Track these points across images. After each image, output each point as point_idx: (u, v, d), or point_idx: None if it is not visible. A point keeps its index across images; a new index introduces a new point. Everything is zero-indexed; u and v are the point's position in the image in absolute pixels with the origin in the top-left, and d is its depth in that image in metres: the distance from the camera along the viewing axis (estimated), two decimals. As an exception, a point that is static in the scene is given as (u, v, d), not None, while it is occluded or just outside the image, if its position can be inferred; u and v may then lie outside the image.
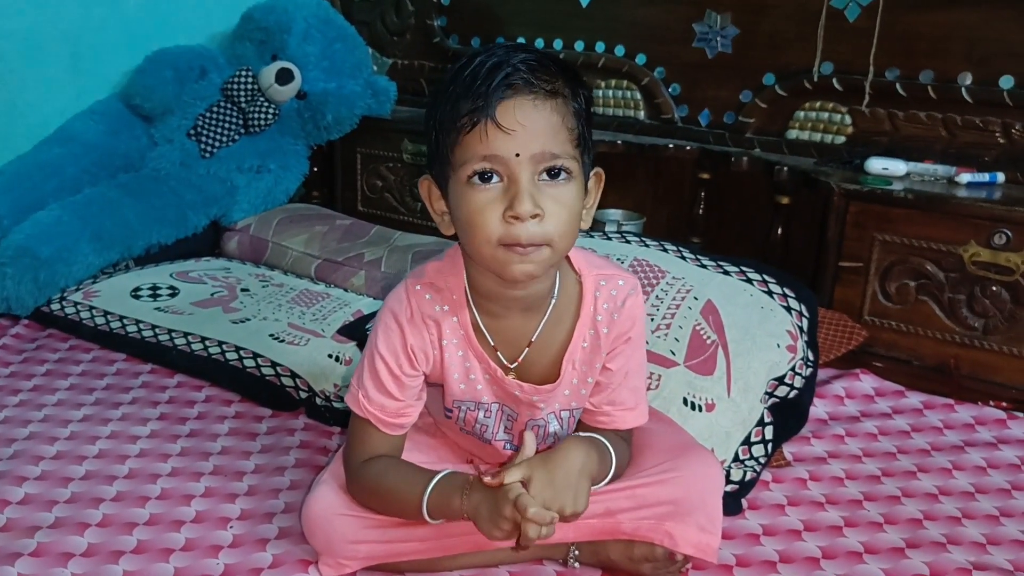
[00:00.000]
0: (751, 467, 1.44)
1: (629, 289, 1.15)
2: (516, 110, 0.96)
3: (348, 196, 2.68)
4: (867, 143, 2.06)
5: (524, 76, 0.97)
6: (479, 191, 0.99)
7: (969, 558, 1.26)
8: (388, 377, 1.12)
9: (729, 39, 2.21)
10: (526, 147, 0.97)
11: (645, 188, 2.38)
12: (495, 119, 0.96)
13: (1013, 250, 1.70)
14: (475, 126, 0.97)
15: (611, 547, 1.19)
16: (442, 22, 2.67)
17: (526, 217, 0.97)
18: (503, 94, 0.96)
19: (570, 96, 1.01)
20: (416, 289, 1.13)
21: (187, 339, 1.82)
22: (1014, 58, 1.88)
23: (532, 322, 1.13)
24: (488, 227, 0.99)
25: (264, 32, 2.47)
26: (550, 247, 1.00)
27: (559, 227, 1.00)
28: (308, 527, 1.17)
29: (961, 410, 1.70)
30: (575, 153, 1.01)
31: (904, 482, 1.47)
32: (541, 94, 0.98)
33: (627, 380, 1.18)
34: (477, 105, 0.96)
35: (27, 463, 1.42)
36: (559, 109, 0.99)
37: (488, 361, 1.14)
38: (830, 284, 1.89)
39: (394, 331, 1.12)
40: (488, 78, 0.96)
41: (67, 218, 2.07)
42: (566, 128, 1.00)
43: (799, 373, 1.57)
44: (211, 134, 2.38)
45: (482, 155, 0.98)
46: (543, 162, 0.98)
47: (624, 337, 1.15)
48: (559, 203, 1.00)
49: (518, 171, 0.97)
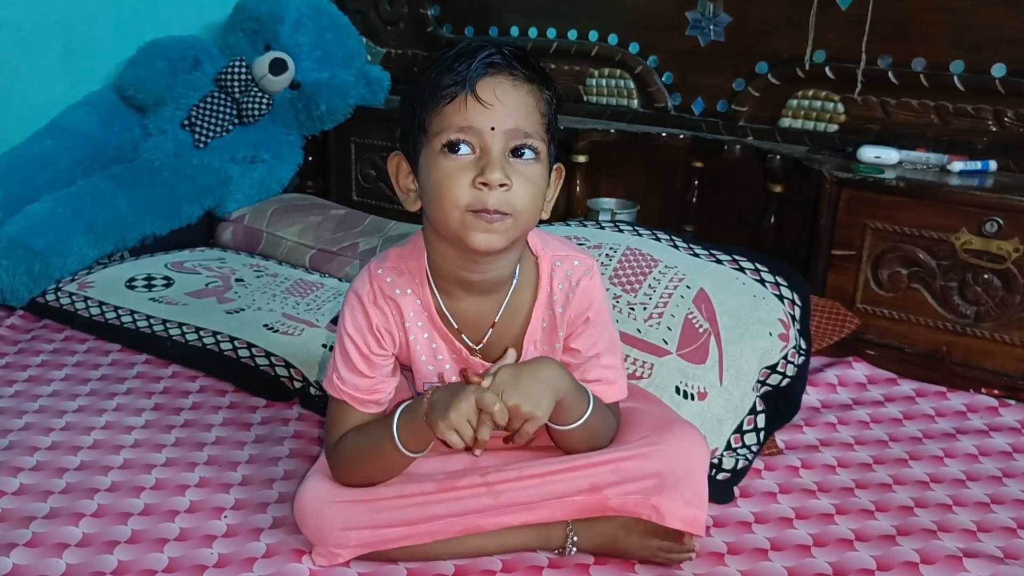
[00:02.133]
0: (743, 455, 1.45)
1: (584, 270, 1.19)
2: (495, 87, 1.03)
3: (342, 186, 2.68)
4: (860, 131, 2.06)
5: (506, 58, 1.04)
6: (451, 159, 1.04)
7: (959, 545, 1.26)
8: (357, 356, 1.16)
9: (722, 27, 2.21)
10: (501, 122, 1.03)
11: (638, 177, 2.38)
12: (475, 92, 1.02)
13: (1004, 238, 1.71)
14: (455, 98, 1.03)
15: (617, 531, 1.20)
16: (435, 11, 2.68)
17: (495, 184, 1.02)
18: (485, 71, 1.03)
19: (544, 88, 1.08)
20: (378, 273, 1.17)
21: (181, 329, 1.83)
22: (1006, 45, 1.88)
23: (494, 304, 1.17)
24: (456, 191, 1.04)
25: (257, 22, 2.47)
26: (513, 218, 1.05)
27: (523, 199, 1.05)
28: (299, 517, 1.18)
29: (953, 398, 1.70)
30: (545, 137, 1.07)
31: (895, 470, 1.48)
32: (520, 76, 1.05)
33: (598, 359, 1.21)
34: (459, 79, 1.02)
35: (22, 454, 1.43)
36: (534, 94, 1.06)
37: (453, 341, 1.18)
38: (822, 272, 1.90)
39: (359, 311, 1.17)
40: (471, 56, 1.03)
41: (61, 210, 2.07)
42: (539, 112, 1.06)
43: (791, 361, 1.58)
44: (205, 125, 2.38)
45: (459, 126, 1.03)
46: (515, 139, 1.04)
47: (582, 317, 1.19)
48: (526, 178, 1.05)
49: (491, 143, 1.03)
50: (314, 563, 1.18)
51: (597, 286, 1.20)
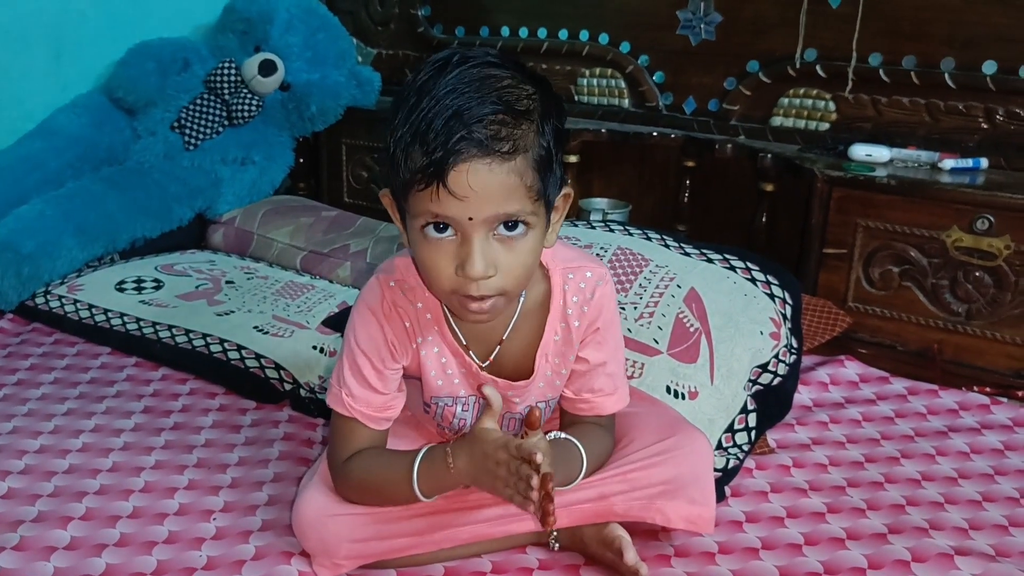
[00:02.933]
0: (734, 454, 1.44)
1: (597, 280, 1.15)
2: (469, 175, 0.92)
3: (334, 187, 2.68)
4: (851, 129, 2.06)
5: (480, 138, 0.91)
6: (433, 242, 0.98)
7: (951, 543, 1.26)
8: (371, 372, 1.12)
9: (713, 26, 2.21)
10: (479, 211, 0.94)
11: (630, 176, 2.38)
12: (447, 186, 0.92)
13: (995, 235, 1.71)
14: (427, 186, 0.93)
15: (585, 530, 1.19)
16: (426, 11, 2.67)
17: (477, 277, 0.96)
18: (457, 158, 0.91)
19: (534, 134, 0.96)
20: (390, 285, 1.13)
21: (171, 332, 1.82)
22: (997, 42, 1.88)
23: (502, 321, 1.13)
24: (442, 278, 0.99)
25: (247, 23, 2.47)
26: (504, 296, 1.01)
27: (512, 280, 1.00)
28: (300, 530, 1.16)
29: (945, 395, 1.70)
30: (534, 208, 0.98)
31: (887, 468, 1.47)
32: (497, 157, 0.93)
33: (604, 368, 1.19)
34: (430, 166, 0.92)
35: (10, 457, 1.42)
36: (517, 169, 0.94)
37: (463, 355, 1.15)
38: (814, 270, 1.89)
39: (373, 325, 1.12)
40: (444, 134, 0.91)
41: (50, 212, 2.06)
42: (524, 186, 0.95)
43: (783, 360, 1.58)
44: (195, 126, 2.37)
45: (434, 213, 0.95)
46: (496, 222, 0.96)
47: (594, 327, 1.16)
48: (515, 254, 0.98)
49: (471, 232, 0.95)
50: (316, 575, 1.16)
51: (609, 295, 1.16)
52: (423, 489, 1.09)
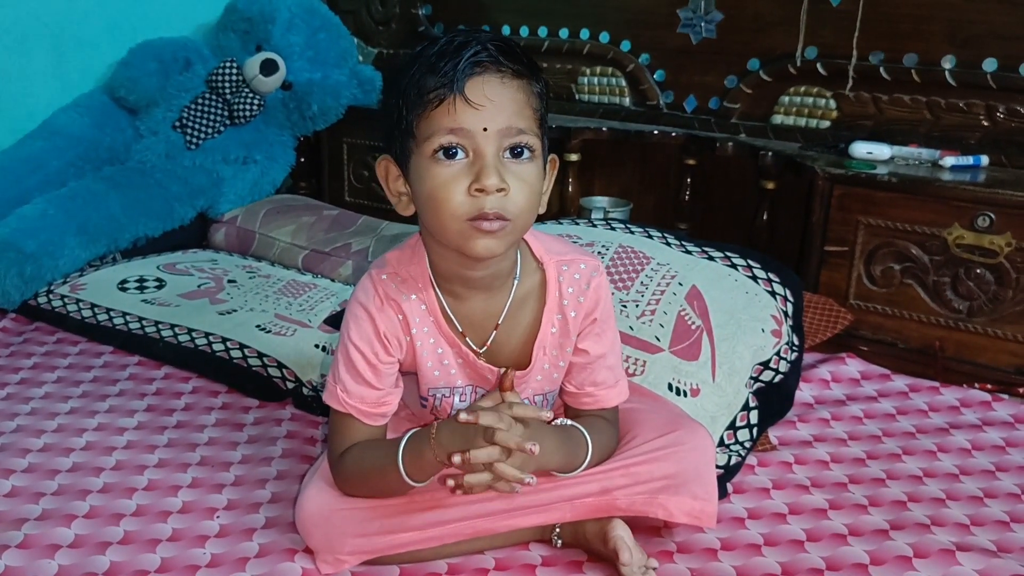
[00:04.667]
0: (736, 451, 1.45)
1: (591, 271, 1.17)
2: (484, 86, 0.99)
3: (335, 186, 2.69)
4: (852, 127, 2.07)
5: (492, 55, 1.00)
6: (444, 166, 1.01)
7: (952, 539, 1.27)
8: (365, 367, 1.13)
9: (713, 24, 2.22)
10: (493, 121, 0.99)
11: (632, 175, 2.39)
12: (464, 94, 0.98)
13: (996, 232, 1.72)
14: (443, 101, 0.99)
15: (588, 526, 1.20)
16: (427, 11, 2.69)
17: (492, 190, 0.99)
18: (472, 70, 0.98)
19: (534, 80, 1.04)
20: (382, 279, 1.14)
21: (174, 331, 1.83)
22: (998, 40, 1.89)
23: (497, 304, 1.15)
24: (453, 201, 1.00)
25: (248, 23, 2.48)
26: (512, 223, 1.02)
27: (521, 203, 1.02)
28: (304, 527, 1.17)
29: (946, 392, 1.70)
30: (538, 132, 1.04)
31: (889, 464, 1.48)
32: (508, 73, 1.01)
33: (604, 360, 1.20)
34: (446, 80, 0.98)
35: (14, 456, 1.43)
36: (524, 89, 1.02)
37: (459, 345, 1.16)
38: (815, 268, 1.90)
39: (365, 320, 1.13)
40: (456, 55, 0.99)
41: (52, 212, 2.07)
42: (530, 107, 1.02)
43: (784, 357, 1.58)
44: (196, 125, 2.38)
45: (449, 128, 0.99)
46: (509, 137, 1.01)
47: (590, 318, 1.17)
48: (522, 179, 1.02)
49: (484, 146, 1.00)
50: (320, 571, 1.16)
51: (604, 286, 1.18)
52: (409, 470, 1.09)
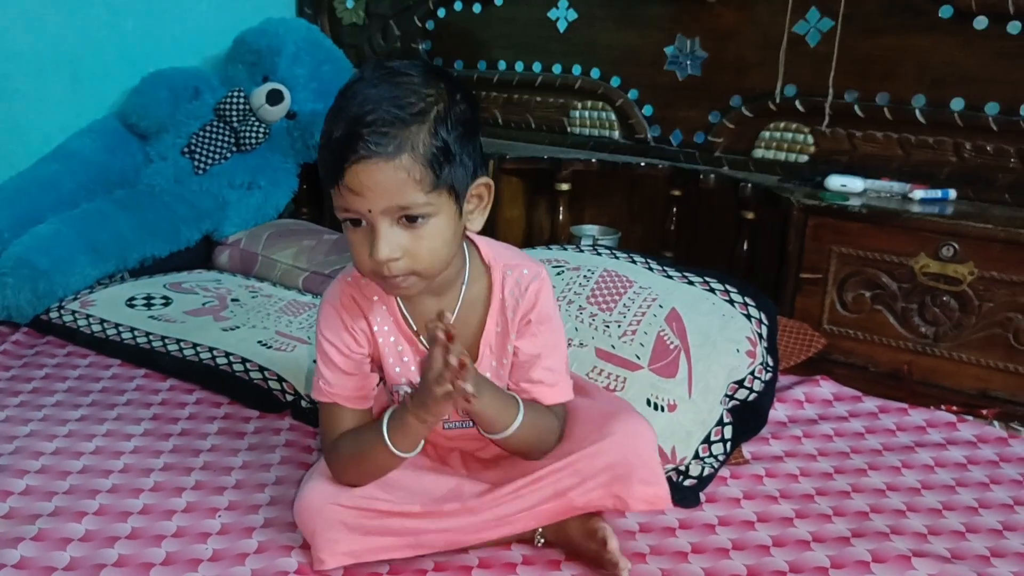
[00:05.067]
0: (710, 463, 1.52)
1: (532, 276, 1.26)
2: (361, 175, 1.06)
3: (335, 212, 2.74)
4: (828, 161, 2.15)
5: (367, 144, 1.05)
6: (352, 231, 1.13)
7: (910, 546, 1.32)
8: (338, 356, 1.25)
9: (698, 63, 2.31)
10: (376, 204, 1.07)
11: (620, 205, 2.47)
12: (343, 185, 1.07)
13: (960, 262, 1.80)
14: (334, 185, 1.09)
15: (570, 524, 1.28)
16: (427, 46, 2.76)
17: (383, 261, 1.10)
18: (350, 162, 1.06)
19: (425, 134, 1.08)
20: (348, 281, 1.26)
21: (179, 345, 1.90)
22: (964, 81, 1.98)
23: (447, 305, 1.24)
24: (362, 261, 1.13)
25: (256, 55, 2.55)
26: (419, 275, 1.13)
27: (424, 259, 1.12)
28: (301, 520, 1.24)
29: (914, 414, 1.76)
30: (428, 199, 1.09)
31: (855, 479, 1.54)
32: (382, 157, 1.06)
33: (540, 360, 1.27)
34: (332, 169, 1.08)
35: (27, 458, 1.50)
36: (403, 166, 1.06)
37: (416, 343, 1.26)
38: (791, 294, 1.98)
39: (333, 316, 1.25)
40: (340, 146, 1.07)
41: (65, 231, 2.13)
42: (413, 180, 1.07)
43: (758, 377, 1.65)
44: (204, 152, 2.44)
45: (344, 208, 1.10)
46: (393, 213, 1.09)
47: (526, 319, 1.26)
48: (420, 240, 1.11)
49: (375, 222, 1.09)
50: (312, 567, 1.23)
51: (544, 291, 1.26)
52: (394, 439, 1.18)
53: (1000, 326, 1.80)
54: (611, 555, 1.22)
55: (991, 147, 1.98)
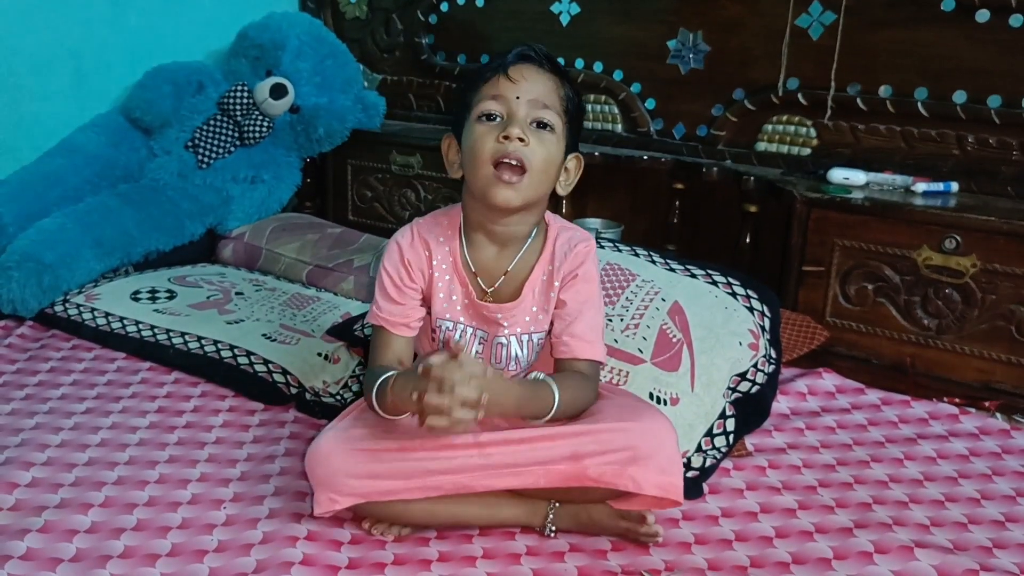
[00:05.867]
0: (712, 455, 1.52)
1: (583, 239, 1.41)
2: (523, 69, 1.31)
3: (339, 206, 2.76)
4: (831, 155, 2.16)
5: (536, 54, 1.32)
6: (483, 125, 1.30)
7: (912, 537, 1.33)
8: (391, 286, 1.38)
9: (701, 56, 2.31)
10: (526, 92, 1.29)
11: (623, 198, 2.47)
12: (506, 72, 1.30)
13: (962, 254, 1.80)
14: (491, 78, 1.30)
15: (591, 508, 1.30)
16: (430, 40, 2.76)
17: (514, 137, 1.27)
18: (517, 59, 1.31)
19: (567, 84, 1.34)
20: (419, 222, 1.42)
21: (184, 338, 1.91)
22: (966, 74, 1.99)
23: (509, 256, 1.39)
24: (485, 147, 1.28)
25: (259, 49, 2.55)
26: (528, 176, 1.28)
27: (537, 157, 1.29)
28: (310, 465, 1.29)
29: (917, 406, 1.77)
30: (562, 116, 1.32)
31: (857, 470, 1.55)
32: (545, 67, 1.33)
33: (582, 314, 1.38)
34: (497, 63, 1.31)
35: (33, 450, 1.51)
36: (555, 81, 1.33)
37: (468, 285, 1.39)
38: (794, 287, 1.98)
39: (395, 251, 1.39)
40: (510, 53, 1.32)
41: (70, 225, 2.14)
42: (558, 95, 1.32)
43: (761, 370, 1.66)
44: (208, 146, 2.45)
45: (491, 95, 1.30)
46: (536, 109, 1.29)
47: (572, 273, 1.39)
48: (541, 142, 1.30)
49: (516, 109, 1.29)
50: (313, 512, 1.28)
51: (591, 254, 1.40)
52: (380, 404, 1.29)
53: (1003, 318, 1.80)
54: (649, 527, 1.30)
55: (994, 140, 1.99)
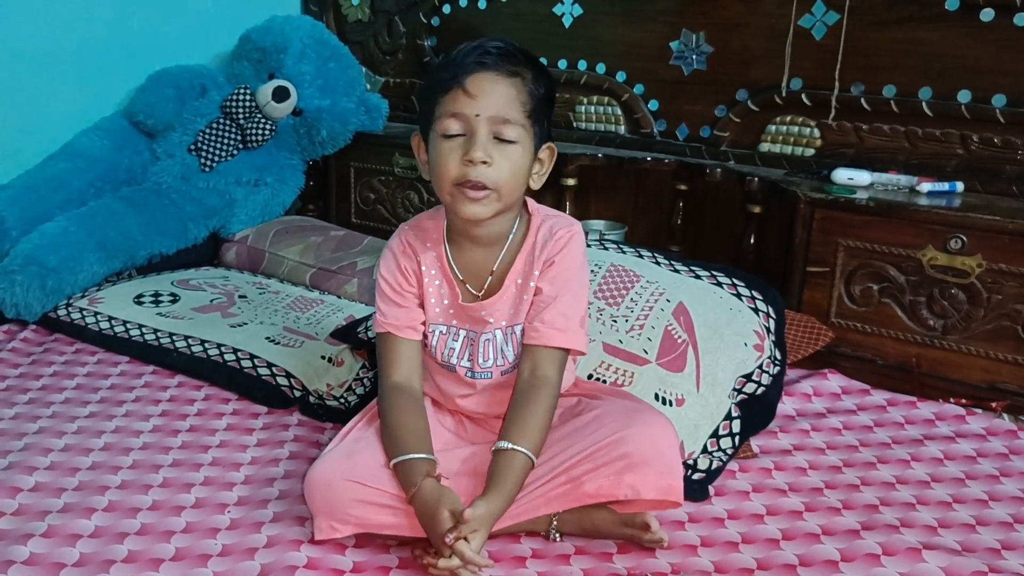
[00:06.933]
0: (718, 457, 1.52)
1: (565, 225, 1.38)
2: (480, 81, 1.23)
3: (342, 208, 2.76)
4: (835, 155, 2.15)
5: (492, 58, 1.24)
6: (446, 143, 1.25)
7: (920, 539, 1.32)
8: (391, 291, 1.38)
9: (704, 57, 2.31)
10: (485, 109, 1.23)
11: (626, 199, 2.47)
12: (464, 86, 1.23)
13: (968, 254, 1.80)
14: (449, 90, 1.23)
15: (595, 514, 1.29)
16: (432, 42, 2.76)
17: (477, 161, 1.23)
18: (473, 68, 1.23)
19: (530, 79, 1.26)
20: (406, 229, 1.41)
21: (187, 342, 1.90)
22: (970, 73, 1.98)
23: (492, 255, 1.37)
24: (449, 168, 1.25)
25: (261, 52, 2.55)
26: (495, 192, 1.25)
27: (503, 175, 1.25)
28: (309, 489, 1.27)
29: (923, 406, 1.76)
30: (525, 122, 1.26)
31: (864, 472, 1.54)
32: (503, 72, 1.24)
33: (556, 303, 1.34)
34: (453, 74, 1.23)
35: (37, 455, 1.50)
36: (516, 86, 1.25)
37: (456, 288, 1.38)
38: (799, 288, 1.98)
39: (390, 258, 1.39)
40: (466, 56, 1.24)
41: (73, 229, 2.14)
42: (519, 101, 1.25)
43: (766, 371, 1.66)
44: (211, 149, 2.45)
45: (451, 112, 1.24)
46: (496, 124, 1.23)
47: (550, 260, 1.35)
48: (506, 157, 1.25)
49: (476, 127, 1.23)
50: (313, 536, 1.26)
51: (573, 240, 1.36)
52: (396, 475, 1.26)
53: (1009, 318, 1.79)
54: (653, 534, 1.28)
55: (998, 139, 1.98)
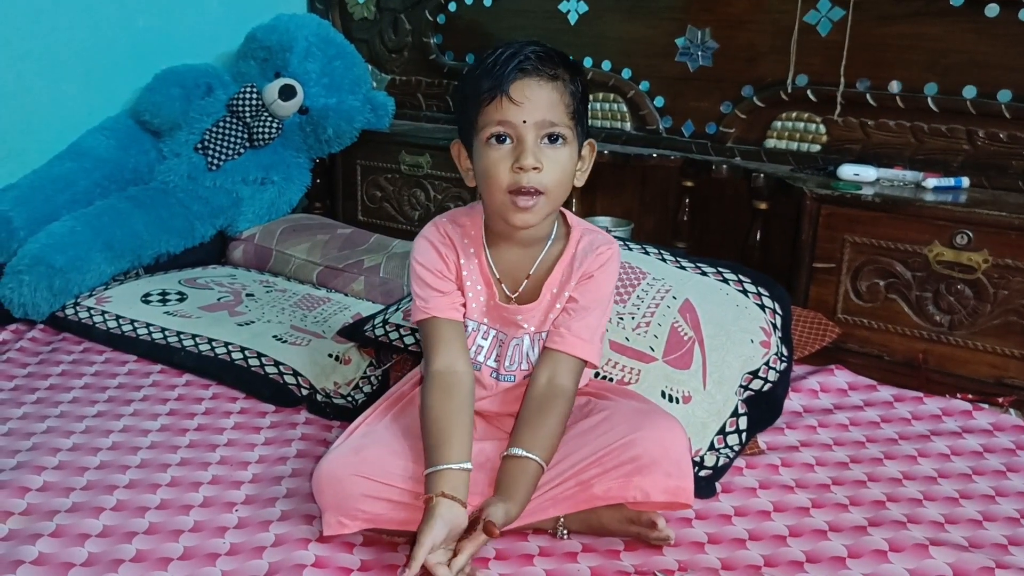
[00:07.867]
0: (725, 453, 1.52)
1: (606, 242, 1.39)
2: (525, 88, 1.23)
3: (349, 206, 2.76)
4: (841, 151, 2.15)
5: (532, 63, 1.23)
6: (494, 149, 1.25)
7: (927, 535, 1.33)
8: (430, 276, 1.36)
9: (709, 53, 2.30)
10: (531, 116, 1.23)
11: (632, 196, 2.47)
12: (508, 94, 1.22)
13: (974, 250, 1.79)
14: (493, 99, 1.23)
15: (602, 512, 1.29)
16: (438, 40, 2.76)
17: (528, 168, 1.23)
18: (515, 75, 1.23)
19: (568, 80, 1.27)
20: (443, 221, 1.39)
21: (195, 340, 1.91)
22: (976, 68, 1.98)
23: (530, 258, 1.37)
24: (500, 176, 1.25)
25: (267, 51, 2.56)
26: (545, 196, 1.26)
27: (553, 179, 1.25)
28: (317, 485, 1.27)
29: (929, 402, 1.77)
30: (570, 124, 1.27)
31: (871, 468, 1.54)
32: (545, 76, 1.24)
33: (585, 313, 1.36)
34: (496, 83, 1.23)
35: (45, 454, 1.51)
36: (558, 89, 1.25)
37: (492, 288, 1.38)
38: (805, 284, 1.98)
39: (427, 246, 1.37)
40: (505, 63, 1.23)
41: (80, 229, 2.15)
42: (563, 104, 1.25)
43: (773, 367, 1.65)
44: (217, 148, 2.46)
45: (498, 120, 1.24)
46: (544, 128, 1.24)
47: (588, 274, 1.36)
48: (555, 161, 1.25)
49: (524, 134, 1.23)
50: (322, 532, 1.27)
51: (612, 258, 1.38)
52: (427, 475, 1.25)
53: (1015, 313, 1.79)
54: (660, 532, 1.28)
55: (1004, 134, 1.98)
